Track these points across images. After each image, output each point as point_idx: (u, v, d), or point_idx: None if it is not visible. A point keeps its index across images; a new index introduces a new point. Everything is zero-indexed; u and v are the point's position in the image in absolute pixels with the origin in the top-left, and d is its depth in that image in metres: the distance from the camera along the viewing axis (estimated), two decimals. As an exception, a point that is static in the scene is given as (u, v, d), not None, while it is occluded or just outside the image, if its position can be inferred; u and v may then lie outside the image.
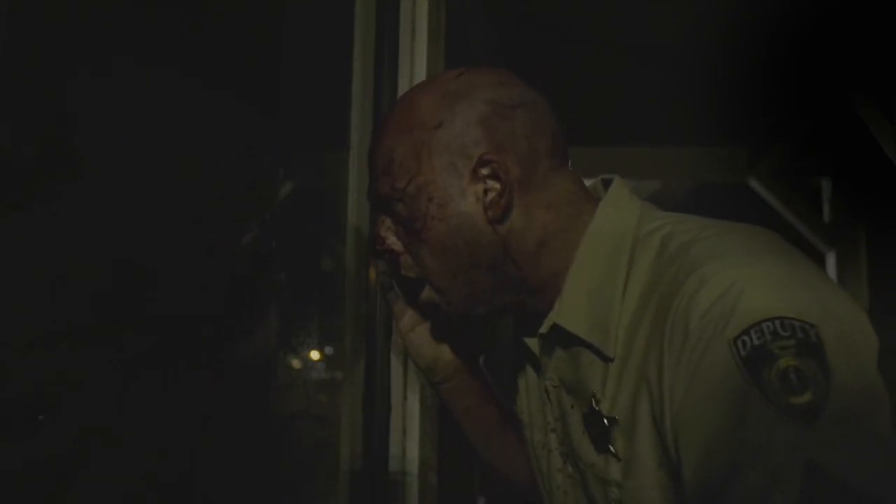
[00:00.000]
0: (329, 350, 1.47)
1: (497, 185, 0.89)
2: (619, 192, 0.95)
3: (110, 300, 0.84)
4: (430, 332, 1.07)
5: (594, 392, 0.89)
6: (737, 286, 0.75)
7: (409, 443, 1.45)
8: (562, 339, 0.93)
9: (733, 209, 0.94)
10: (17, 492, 0.72)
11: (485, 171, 0.89)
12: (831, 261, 4.02)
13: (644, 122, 3.28)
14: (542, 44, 2.70)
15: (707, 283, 0.77)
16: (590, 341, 0.88)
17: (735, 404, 0.73)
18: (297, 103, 1.30)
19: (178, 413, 0.94)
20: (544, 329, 0.93)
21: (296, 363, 1.35)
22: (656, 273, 0.85)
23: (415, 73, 1.57)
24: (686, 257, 0.82)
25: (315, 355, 1.41)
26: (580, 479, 0.94)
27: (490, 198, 0.89)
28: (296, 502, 1.29)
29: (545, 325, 0.92)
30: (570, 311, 0.90)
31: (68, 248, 0.79)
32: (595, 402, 0.88)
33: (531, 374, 1.05)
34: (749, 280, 0.76)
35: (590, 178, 1.01)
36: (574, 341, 0.91)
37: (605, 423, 0.87)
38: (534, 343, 0.97)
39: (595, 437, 0.89)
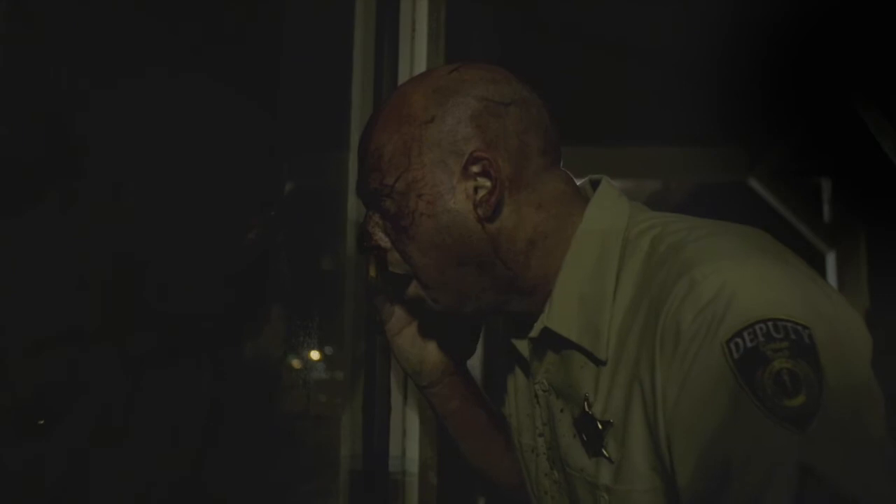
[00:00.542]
0: (329, 350, 1.47)
1: (487, 183, 0.88)
2: (607, 192, 0.93)
3: (112, 301, 0.84)
4: (416, 335, 1.05)
5: (587, 395, 0.88)
6: (728, 288, 0.74)
7: (409, 443, 1.45)
8: (552, 342, 0.92)
9: (733, 209, 0.94)
10: (24, 491, 0.72)
11: (475, 169, 0.88)
12: (831, 261, 4.03)
13: (644, 122, 3.28)
14: (542, 43, 2.70)
15: (698, 285, 0.76)
16: (581, 345, 0.87)
17: (728, 407, 0.72)
18: (297, 103, 1.30)
19: (179, 413, 0.94)
20: (535, 333, 0.92)
21: (296, 363, 1.35)
22: (646, 275, 0.84)
23: (415, 73, 1.57)
24: (676, 259, 0.81)
25: (315, 355, 1.41)
26: (566, 485, 0.93)
27: (480, 195, 0.88)
28: (296, 502, 1.29)
29: (535, 328, 0.92)
30: (560, 315, 0.89)
31: (72, 249, 0.79)
32: (588, 406, 0.88)
33: (520, 377, 1.04)
34: (740, 282, 0.75)
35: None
36: (565, 345, 0.90)
37: (599, 426, 0.86)
38: (523, 346, 0.96)
39: (588, 440, 0.88)
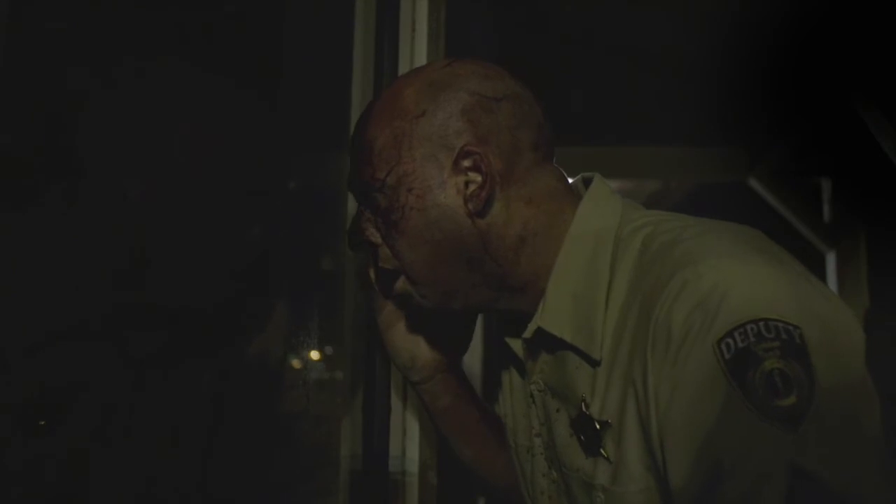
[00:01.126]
0: (329, 350, 1.47)
1: (478, 178, 0.87)
2: (599, 190, 0.93)
3: (111, 300, 0.84)
4: (408, 330, 1.05)
5: (583, 396, 0.88)
6: (720, 287, 0.74)
7: (409, 443, 1.44)
8: (547, 342, 0.91)
9: (733, 209, 0.94)
10: (25, 491, 0.72)
11: (466, 163, 0.87)
12: (831, 261, 4.03)
13: (644, 122, 3.28)
14: (542, 44, 2.70)
15: (689, 284, 0.76)
16: (575, 345, 0.87)
17: (720, 407, 0.72)
18: (297, 103, 1.30)
19: (179, 413, 0.94)
20: (528, 333, 0.91)
21: (296, 363, 1.35)
22: (639, 274, 0.84)
23: (415, 73, 1.56)
24: (668, 258, 0.81)
25: (315, 355, 1.41)
26: (564, 485, 0.93)
27: (471, 190, 0.87)
28: (296, 502, 1.29)
29: (529, 329, 0.91)
30: (553, 315, 0.89)
31: (72, 247, 0.79)
32: (585, 406, 0.87)
33: (515, 377, 1.04)
34: (732, 281, 0.75)
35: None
36: (559, 345, 0.90)
37: (597, 426, 0.86)
38: (518, 345, 0.96)
39: (586, 440, 0.88)
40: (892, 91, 2.68)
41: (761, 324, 0.72)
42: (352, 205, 1.44)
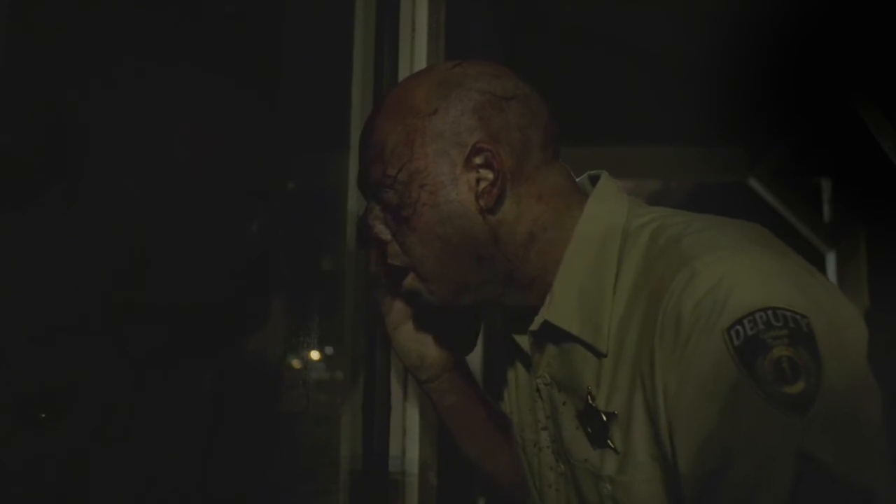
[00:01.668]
0: (329, 350, 1.47)
1: (490, 175, 0.89)
2: (606, 187, 0.95)
3: (112, 299, 0.84)
4: (416, 329, 1.05)
5: (589, 388, 0.89)
6: (728, 278, 0.76)
7: (409, 443, 1.44)
8: (553, 335, 0.92)
9: (733, 209, 0.94)
10: (24, 490, 0.72)
11: (478, 160, 0.89)
12: (831, 261, 4.03)
13: (644, 122, 3.28)
14: (542, 44, 2.70)
15: (697, 275, 0.77)
16: (582, 338, 0.88)
17: (728, 395, 0.74)
18: (297, 103, 1.30)
19: (179, 413, 0.94)
20: (535, 326, 0.92)
21: (296, 363, 1.35)
22: (646, 268, 0.85)
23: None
24: (675, 251, 0.82)
25: (315, 355, 1.41)
26: (572, 476, 0.94)
27: (482, 187, 0.89)
28: (296, 502, 1.29)
29: (536, 322, 0.92)
30: (561, 308, 0.90)
31: (72, 247, 0.79)
32: (591, 399, 0.88)
33: (521, 372, 1.05)
34: (740, 272, 0.77)
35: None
36: (566, 338, 0.91)
37: (604, 418, 0.87)
38: (523, 340, 0.97)
39: (593, 432, 0.89)
40: (892, 91, 2.68)
41: (770, 312, 0.73)
42: (352, 205, 1.44)
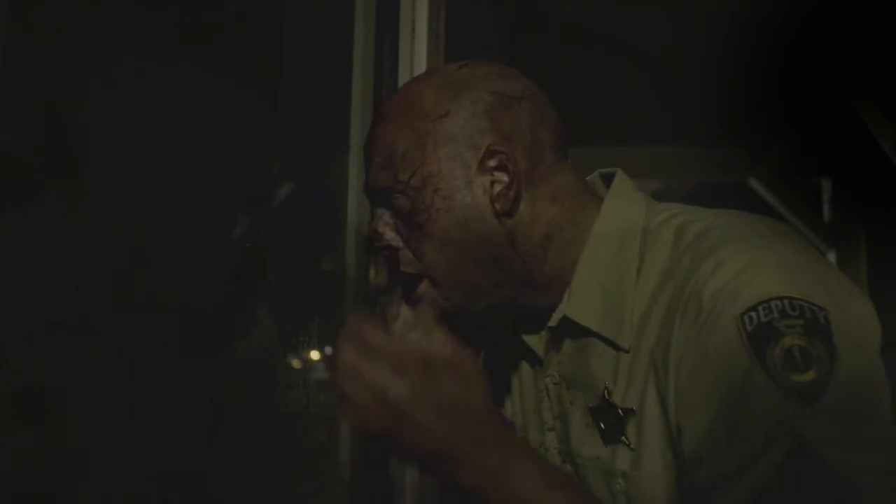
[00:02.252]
0: (329, 350, 1.47)
1: (505, 177, 0.88)
2: (623, 185, 0.95)
3: (112, 299, 0.84)
4: None
5: (606, 384, 0.88)
6: (751, 267, 0.77)
7: (409, 443, 1.44)
8: (570, 332, 0.92)
9: (733, 209, 0.95)
10: (23, 488, 0.72)
11: (492, 163, 0.88)
12: (831, 261, 4.02)
13: (644, 122, 3.28)
14: (542, 43, 2.69)
15: (723, 264, 0.78)
16: (604, 334, 0.88)
17: (738, 378, 0.74)
18: (297, 103, 1.30)
19: (178, 413, 0.94)
20: (553, 322, 0.92)
21: (296, 363, 1.35)
22: (672, 263, 0.85)
23: (415, 73, 1.57)
24: (702, 243, 0.83)
25: (315, 355, 1.41)
26: (578, 476, 0.93)
27: (497, 190, 0.88)
28: (296, 502, 1.29)
29: (554, 318, 0.92)
30: (580, 305, 0.89)
31: (72, 247, 0.79)
32: (608, 394, 0.88)
33: (525, 374, 1.04)
34: (763, 262, 0.78)
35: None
36: (583, 334, 0.90)
37: (620, 413, 0.86)
38: (534, 340, 0.96)
39: (607, 428, 0.88)
40: (892, 91, 2.68)
41: (786, 301, 0.74)
42: (352, 205, 1.44)
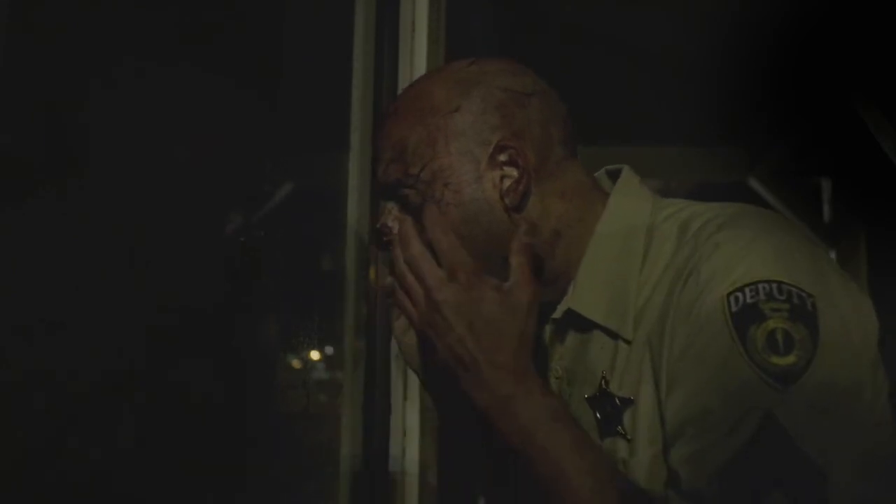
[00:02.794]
0: (329, 350, 1.47)
1: (515, 172, 0.88)
2: (630, 181, 0.95)
3: (111, 299, 0.84)
4: None
5: (604, 373, 0.88)
6: (747, 249, 0.78)
7: (409, 443, 1.45)
8: (573, 325, 0.92)
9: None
10: (22, 489, 0.72)
11: (502, 158, 0.88)
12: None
13: (644, 121, 3.28)
14: (542, 43, 2.69)
15: (721, 246, 0.80)
16: (607, 325, 0.88)
17: (720, 358, 0.75)
18: (297, 103, 1.30)
19: (178, 413, 0.94)
20: (558, 314, 0.92)
21: (296, 363, 1.35)
22: (674, 256, 0.86)
23: (415, 73, 1.57)
24: (704, 231, 0.84)
25: (315, 355, 1.41)
26: None
27: (507, 185, 0.88)
28: (296, 502, 1.29)
29: (559, 310, 0.92)
30: (584, 297, 0.90)
31: (72, 246, 0.79)
32: (605, 383, 0.88)
33: None
34: (759, 247, 0.79)
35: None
36: (586, 327, 0.91)
37: (618, 402, 0.87)
38: (541, 333, 0.96)
39: (602, 418, 0.88)
40: (892, 91, 2.68)
41: (774, 285, 0.75)
42: (352, 206, 1.44)
